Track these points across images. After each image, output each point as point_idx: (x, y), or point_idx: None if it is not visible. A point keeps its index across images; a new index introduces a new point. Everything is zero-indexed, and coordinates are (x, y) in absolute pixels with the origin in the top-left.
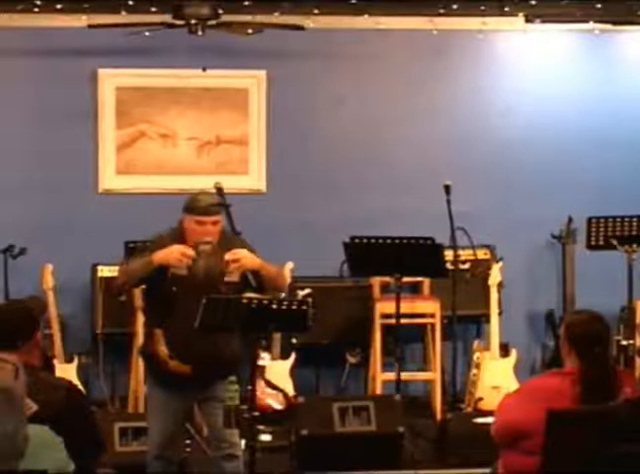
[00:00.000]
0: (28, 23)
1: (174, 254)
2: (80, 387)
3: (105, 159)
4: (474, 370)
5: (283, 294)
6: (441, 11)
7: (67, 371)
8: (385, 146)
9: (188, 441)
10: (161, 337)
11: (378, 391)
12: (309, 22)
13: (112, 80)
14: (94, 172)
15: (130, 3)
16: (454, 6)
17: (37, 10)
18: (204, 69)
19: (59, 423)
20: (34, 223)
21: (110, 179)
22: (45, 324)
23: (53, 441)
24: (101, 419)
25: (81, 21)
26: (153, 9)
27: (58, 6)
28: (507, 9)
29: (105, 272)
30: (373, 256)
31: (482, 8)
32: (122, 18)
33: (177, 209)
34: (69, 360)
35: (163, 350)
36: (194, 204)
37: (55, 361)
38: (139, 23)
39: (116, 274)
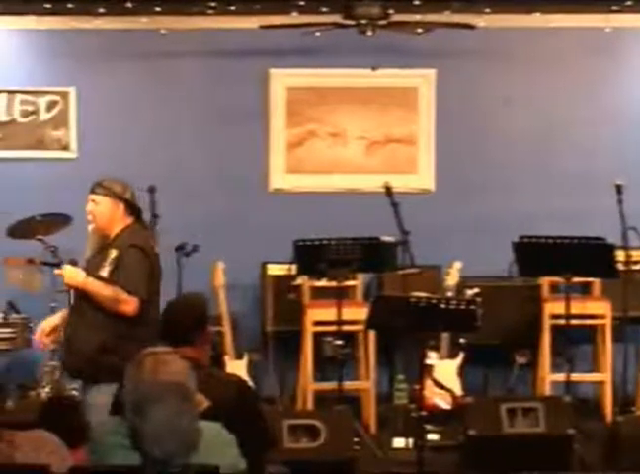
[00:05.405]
0: (201, 25)
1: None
2: (250, 384)
3: (275, 158)
4: None
5: None
6: (615, 7)
7: (237, 368)
8: (555, 146)
9: (356, 440)
10: None
11: (547, 392)
12: (480, 20)
13: (283, 80)
14: (264, 171)
15: (301, 3)
16: (628, 2)
17: (210, 12)
18: (374, 68)
19: (230, 419)
20: (205, 221)
21: (280, 178)
22: (216, 321)
23: (228, 438)
24: (269, 416)
25: (252, 22)
26: (324, 9)
27: (231, 8)
28: None
29: (274, 270)
30: (543, 256)
31: None
32: (293, 18)
33: (345, 209)
34: (239, 357)
35: None
36: None
37: (226, 358)
38: (310, 23)
39: (285, 272)
